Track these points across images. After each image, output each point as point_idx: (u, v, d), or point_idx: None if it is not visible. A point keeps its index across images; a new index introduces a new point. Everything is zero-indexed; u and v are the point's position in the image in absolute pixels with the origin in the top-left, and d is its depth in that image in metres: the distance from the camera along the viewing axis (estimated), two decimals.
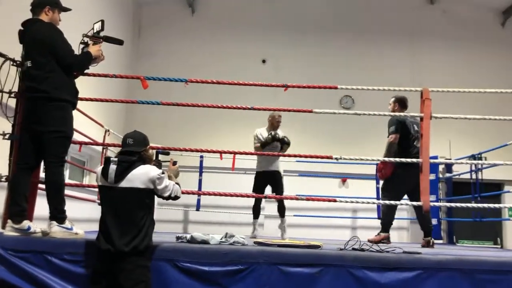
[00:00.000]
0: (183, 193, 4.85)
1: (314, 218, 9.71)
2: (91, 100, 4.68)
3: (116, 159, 3.32)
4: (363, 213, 10.20)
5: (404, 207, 10.43)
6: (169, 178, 3.51)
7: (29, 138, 3.94)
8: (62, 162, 3.98)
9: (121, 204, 3.27)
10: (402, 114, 5.52)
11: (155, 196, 3.45)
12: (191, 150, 4.77)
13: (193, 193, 5.22)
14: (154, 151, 3.73)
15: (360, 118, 9.78)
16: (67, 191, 4.09)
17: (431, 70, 11.05)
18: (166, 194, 3.44)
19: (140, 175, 3.30)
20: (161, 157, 4.54)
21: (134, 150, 3.41)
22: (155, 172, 3.34)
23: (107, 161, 3.33)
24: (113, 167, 3.28)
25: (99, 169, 3.42)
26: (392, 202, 4.98)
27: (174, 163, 3.85)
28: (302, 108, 5.14)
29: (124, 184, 3.27)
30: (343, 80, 7.55)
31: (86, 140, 6.33)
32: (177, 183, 3.58)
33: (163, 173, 3.42)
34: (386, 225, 6.53)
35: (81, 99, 4.29)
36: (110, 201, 3.31)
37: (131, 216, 3.26)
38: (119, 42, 4.49)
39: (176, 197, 3.55)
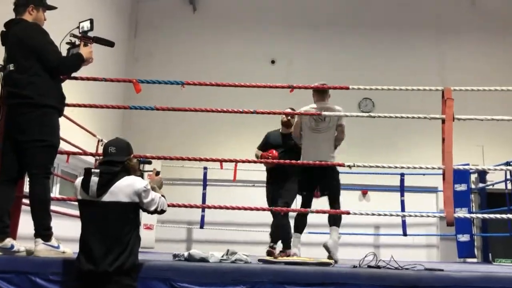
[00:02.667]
0: (186, 207, 4.97)
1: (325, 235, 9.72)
2: (79, 106, 4.78)
3: (97, 170, 3.35)
4: (387, 229, 10.18)
5: (434, 221, 10.43)
6: (153, 189, 3.55)
7: (12, 148, 4.00)
8: (47, 174, 4.05)
9: (103, 220, 3.31)
10: (428, 116, 5.47)
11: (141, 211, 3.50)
12: (189, 159, 4.84)
13: (195, 206, 5.27)
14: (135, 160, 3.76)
15: (382, 122, 9.88)
16: (56, 208, 4.17)
17: (461, 68, 11.03)
18: (152, 208, 3.48)
19: (125, 188, 3.34)
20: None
21: (117, 160, 3.45)
22: (140, 184, 3.37)
23: (87, 173, 3.36)
24: (94, 179, 3.31)
25: (78, 181, 3.44)
26: (396, 212, 4.96)
27: (157, 173, 3.89)
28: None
29: (107, 197, 3.31)
30: (362, 81, 7.62)
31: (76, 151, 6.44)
32: (162, 195, 3.62)
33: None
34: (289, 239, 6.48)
35: (68, 105, 4.39)
36: (92, 216, 3.35)
37: (115, 233, 3.29)
38: (109, 43, 4.58)
39: (162, 211, 3.59)
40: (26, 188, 4.17)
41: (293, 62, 11.25)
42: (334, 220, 5.56)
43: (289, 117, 6.33)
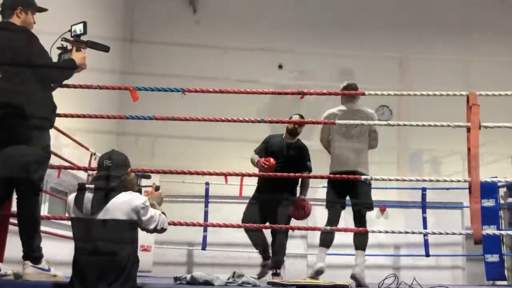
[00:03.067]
0: (188, 225, 4.97)
1: (346, 256, 9.68)
2: (71, 116, 4.81)
3: (92, 186, 3.38)
4: (407, 249, 10.14)
5: (459, 241, 10.38)
6: (152, 206, 3.56)
7: None
8: (37, 191, 4.08)
9: (98, 240, 3.33)
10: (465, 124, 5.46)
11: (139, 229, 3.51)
12: (191, 173, 4.86)
13: (197, 225, 5.29)
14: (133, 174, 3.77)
15: (401, 132, 9.89)
16: (46, 228, 4.18)
17: (488, 73, 11.00)
18: (152, 226, 3.50)
19: (122, 204, 3.37)
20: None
21: (113, 174, 3.48)
22: (139, 201, 3.39)
23: (81, 189, 3.39)
24: (88, 195, 3.34)
25: (71, 198, 3.47)
26: (417, 230, 4.95)
27: (157, 188, 3.91)
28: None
29: (102, 215, 3.33)
30: (377, 86, 7.63)
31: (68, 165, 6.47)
32: (162, 213, 3.63)
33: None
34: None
35: (59, 116, 4.42)
36: (86, 236, 3.37)
37: (111, 254, 3.31)
38: (104, 48, 4.63)
39: (162, 229, 3.61)
40: (14, 207, 4.19)
41: (302, 66, 11.26)
42: (361, 242, 5.50)
43: (296, 125, 6.28)
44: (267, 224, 5.98)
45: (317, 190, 8.42)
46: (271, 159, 6.02)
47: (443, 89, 5.16)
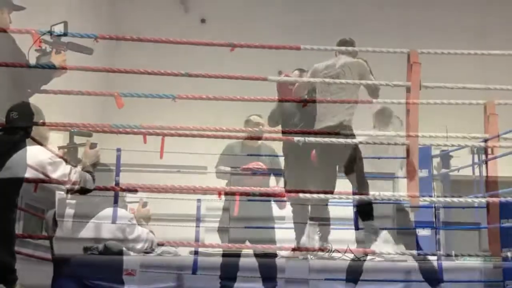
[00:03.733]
0: (178, 245, 4.95)
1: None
2: (50, 125, 4.81)
3: (73, 201, 3.38)
4: (420, 274, 10.08)
5: (476, 265, 10.28)
6: (139, 224, 3.55)
7: None
8: (12, 207, 4.08)
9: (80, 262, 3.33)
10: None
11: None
12: (181, 189, 4.85)
13: (188, 245, 5.27)
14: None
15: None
16: (21, 248, 4.16)
17: (504, 66, 11.00)
18: (139, 246, 3.51)
19: (106, 220, 3.36)
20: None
21: (96, 189, 3.48)
22: (124, 218, 3.39)
23: (61, 205, 3.39)
24: (69, 211, 3.34)
25: (49, 215, 3.47)
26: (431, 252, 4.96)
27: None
28: None
29: (84, 233, 3.34)
30: (387, 95, 7.64)
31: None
32: (150, 231, 3.62)
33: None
34: None
35: (37, 124, 4.41)
36: (67, 258, 3.37)
37: (95, 278, 3.30)
38: (87, 50, 4.66)
39: (151, 249, 3.59)
40: None
41: (306, 65, 11.27)
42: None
43: (260, 126, 6.23)
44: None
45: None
46: (260, 163, 5.98)
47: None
